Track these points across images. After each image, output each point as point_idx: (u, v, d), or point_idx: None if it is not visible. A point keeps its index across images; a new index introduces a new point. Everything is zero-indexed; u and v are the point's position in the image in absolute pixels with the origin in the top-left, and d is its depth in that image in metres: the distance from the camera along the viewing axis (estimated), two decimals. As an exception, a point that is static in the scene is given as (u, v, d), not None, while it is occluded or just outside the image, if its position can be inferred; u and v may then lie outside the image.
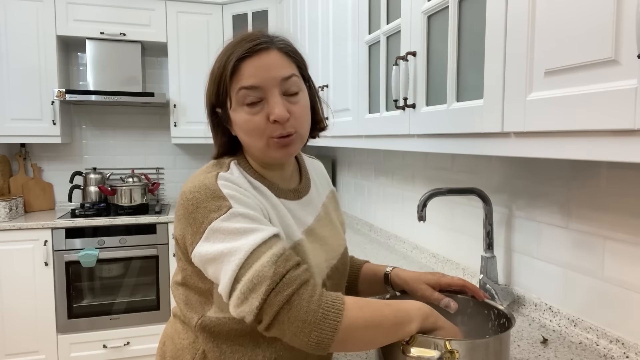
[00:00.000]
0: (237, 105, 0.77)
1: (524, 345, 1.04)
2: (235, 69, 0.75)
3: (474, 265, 1.45)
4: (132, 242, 2.78)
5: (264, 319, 0.66)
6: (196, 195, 0.73)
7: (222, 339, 0.79)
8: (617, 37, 0.60)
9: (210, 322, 0.78)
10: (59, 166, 3.18)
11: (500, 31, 0.82)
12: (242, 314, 0.67)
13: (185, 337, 0.82)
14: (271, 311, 0.65)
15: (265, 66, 0.75)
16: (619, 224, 0.97)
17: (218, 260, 0.69)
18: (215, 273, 0.70)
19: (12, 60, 2.74)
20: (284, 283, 0.66)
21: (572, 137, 0.68)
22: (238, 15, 3.05)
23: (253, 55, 0.75)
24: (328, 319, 0.65)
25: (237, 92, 0.76)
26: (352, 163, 2.51)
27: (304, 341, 0.65)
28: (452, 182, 1.57)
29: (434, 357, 0.71)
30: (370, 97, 1.47)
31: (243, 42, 0.77)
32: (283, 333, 0.66)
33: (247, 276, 0.66)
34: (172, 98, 3.04)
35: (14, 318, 2.61)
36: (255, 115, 0.76)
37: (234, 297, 0.67)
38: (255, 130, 0.76)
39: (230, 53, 0.76)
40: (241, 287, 0.66)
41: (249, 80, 0.75)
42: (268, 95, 0.76)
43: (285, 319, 0.65)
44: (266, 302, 0.65)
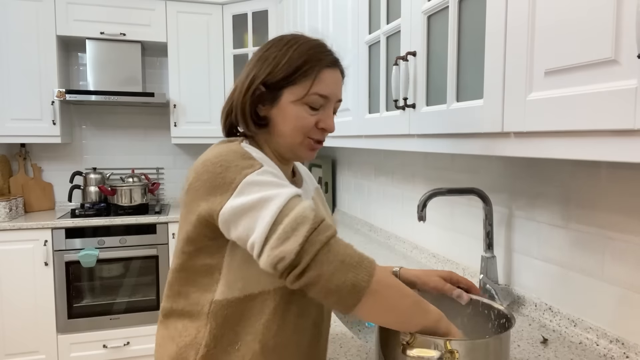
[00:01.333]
0: (301, 102, 0.82)
1: (524, 345, 1.04)
2: (319, 72, 0.82)
3: (474, 265, 1.45)
4: (132, 242, 2.78)
5: (303, 259, 0.66)
6: (225, 158, 0.74)
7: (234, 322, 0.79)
8: (617, 37, 0.60)
9: (221, 306, 0.78)
10: (59, 166, 3.18)
11: (500, 31, 0.82)
12: (282, 253, 0.66)
13: (186, 333, 0.80)
14: (312, 249, 0.66)
15: (336, 83, 0.85)
16: (619, 224, 0.97)
17: (255, 208, 0.69)
18: (248, 224, 0.69)
19: (12, 60, 2.74)
20: (323, 227, 0.68)
21: (572, 137, 0.68)
22: (238, 15, 3.05)
23: (332, 68, 0.84)
24: (363, 264, 0.67)
25: (310, 93, 0.81)
26: (352, 163, 2.51)
27: (340, 281, 0.66)
28: (452, 182, 1.57)
29: (434, 357, 0.71)
30: (370, 97, 1.47)
31: (324, 51, 0.84)
32: (320, 274, 0.66)
33: (290, 217, 0.68)
34: (172, 98, 3.04)
35: (14, 318, 2.61)
36: (311, 116, 0.83)
37: (273, 239, 0.67)
38: (303, 127, 0.83)
39: (315, 53, 0.82)
40: (283, 227, 0.67)
41: (325, 90, 0.82)
42: (327, 107, 0.85)
43: (324, 258, 0.66)
44: (308, 241, 0.66)
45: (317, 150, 0.88)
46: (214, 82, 3.11)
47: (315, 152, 0.88)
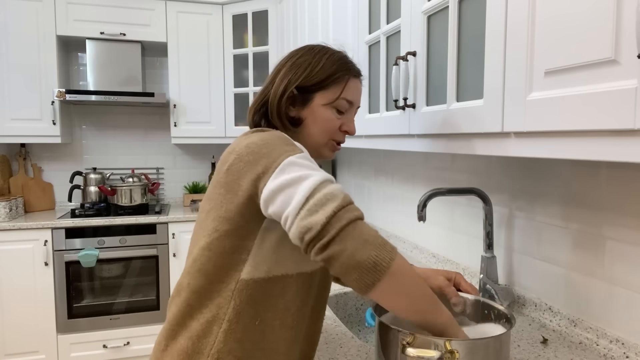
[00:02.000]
0: (331, 105, 0.92)
1: (524, 345, 1.04)
2: (348, 80, 0.94)
3: (474, 265, 1.45)
4: (132, 242, 2.78)
5: (329, 232, 0.69)
6: (270, 141, 0.79)
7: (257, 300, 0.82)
8: (617, 37, 0.60)
9: (247, 284, 0.81)
10: (59, 166, 3.18)
11: (500, 31, 0.82)
12: (310, 224, 0.69)
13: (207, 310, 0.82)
14: (339, 224, 0.69)
15: (359, 91, 0.97)
16: (619, 224, 0.97)
17: (293, 185, 0.73)
18: (286, 198, 0.73)
19: (12, 60, 2.74)
20: (352, 207, 0.72)
21: (572, 137, 0.68)
22: (238, 15, 3.05)
23: (358, 78, 0.97)
24: (387, 247, 0.70)
25: (340, 97, 0.92)
26: (352, 163, 2.51)
27: (362, 257, 0.68)
28: (452, 182, 1.57)
29: (434, 357, 0.71)
30: (370, 97, 1.47)
31: (351, 62, 0.96)
32: (344, 248, 0.68)
33: (322, 192, 0.72)
34: (172, 98, 3.04)
35: (14, 318, 2.61)
36: (337, 120, 0.94)
37: (304, 210, 0.71)
38: (330, 129, 0.93)
39: (345, 63, 0.94)
40: (314, 200, 0.71)
41: (352, 96, 0.94)
42: (350, 112, 0.96)
43: (349, 234, 0.69)
44: (335, 216, 0.70)
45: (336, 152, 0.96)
46: (214, 82, 3.11)
47: (335, 154, 0.96)
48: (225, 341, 0.81)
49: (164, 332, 0.87)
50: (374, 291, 0.70)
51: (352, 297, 1.42)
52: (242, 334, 0.82)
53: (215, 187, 0.83)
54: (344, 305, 1.42)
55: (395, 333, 0.77)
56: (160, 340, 0.88)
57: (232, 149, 0.83)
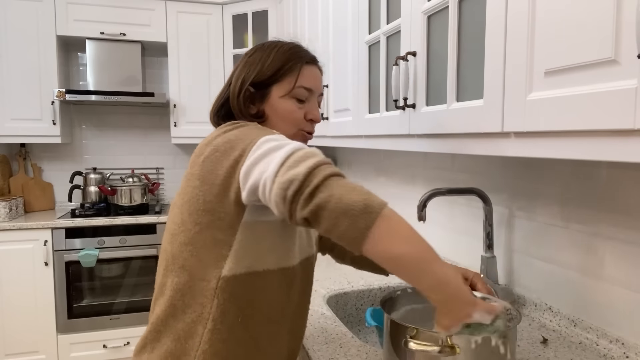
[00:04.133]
0: (289, 96, 0.92)
1: (524, 345, 1.04)
2: (301, 68, 0.92)
3: (474, 265, 1.45)
4: (132, 242, 2.78)
5: (312, 181, 0.66)
6: (246, 132, 0.79)
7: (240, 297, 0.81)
8: (617, 37, 0.60)
9: (229, 282, 0.80)
10: (59, 166, 3.18)
11: (500, 31, 0.82)
12: (291, 177, 0.67)
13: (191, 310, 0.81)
14: (322, 174, 0.67)
15: (318, 77, 0.96)
16: (619, 224, 0.97)
17: (270, 154, 0.72)
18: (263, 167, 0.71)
19: (12, 60, 2.74)
20: (333, 166, 0.71)
21: (572, 137, 0.68)
22: (238, 15, 3.05)
23: (313, 65, 0.95)
24: (374, 196, 0.67)
25: (295, 87, 0.91)
26: (352, 163, 2.51)
27: (352, 200, 0.64)
28: (452, 182, 1.57)
29: (435, 351, 0.71)
30: (370, 97, 1.47)
31: (303, 50, 0.95)
32: (331, 194, 0.65)
33: (302, 151, 0.71)
34: (172, 98, 3.04)
35: (14, 318, 2.61)
36: (299, 109, 0.93)
37: (283, 168, 0.68)
38: (294, 120, 0.92)
39: (296, 52, 0.93)
40: (294, 157, 0.69)
41: (309, 83, 0.93)
42: (312, 100, 0.95)
43: (334, 183, 0.67)
44: (318, 168, 0.68)
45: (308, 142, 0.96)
46: (214, 82, 3.11)
47: (307, 144, 0.93)
48: (210, 342, 0.80)
49: (147, 335, 0.85)
50: (369, 239, 0.63)
51: (352, 297, 1.43)
52: (227, 333, 0.81)
53: (189, 180, 0.81)
54: (344, 305, 1.42)
55: (402, 328, 0.78)
56: (143, 343, 0.86)
57: (208, 141, 0.81)
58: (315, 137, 2.08)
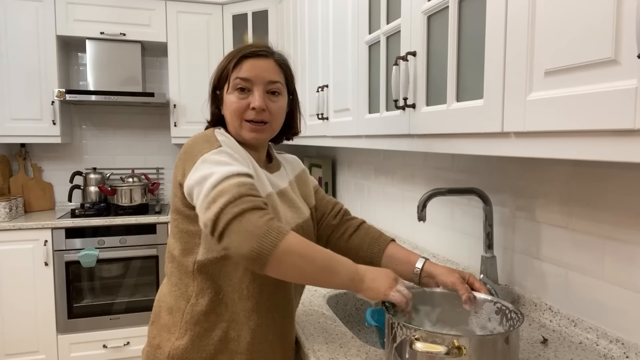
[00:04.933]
0: (231, 89, 0.99)
1: (524, 345, 1.04)
2: (237, 63, 0.98)
3: (474, 265, 1.45)
4: (132, 242, 2.78)
5: (218, 227, 0.78)
6: (195, 141, 0.93)
7: (216, 277, 0.94)
8: (617, 37, 0.60)
9: (203, 264, 0.93)
10: (59, 166, 3.18)
11: (500, 31, 0.82)
12: (205, 220, 0.80)
13: (176, 288, 0.96)
14: (225, 219, 0.78)
15: (259, 67, 0.99)
16: (619, 224, 0.97)
17: (200, 184, 0.84)
18: (196, 195, 0.85)
19: (12, 60, 2.74)
20: (241, 201, 0.79)
21: (572, 137, 0.68)
22: (238, 15, 3.05)
23: (254, 57, 0.99)
24: (270, 235, 0.77)
25: (233, 79, 0.98)
26: (352, 163, 2.51)
27: (246, 250, 0.76)
28: (452, 182, 1.57)
29: (442, 352, 0.71)
30: (370, 97, 1.47)
31: (250, 46, 1.01)
32: (231, 241, 0.77)
33: (216, 190, 0.81)
34: (172, 98, 3.04)
35: (14, 318, 2.61)
36: (241, 100, 0.98)
37: (202, 207, 0.81)
38: (236, 110, 0.98)
39: (237, 51, 1.00)
40: (209, 198, 0.81)
41: (244, 73, 0.98)
42: (254, 89, 0.98)
43: (235, 228, 0.77)
44: (222, 211, 0.78)
45: (263, 133, 1.00)
46: (214, 82, 3.11)
47: (261, 134, 1.00)
48: (192, 313, 0.94)
49: (153, 309, 1.03)
50: (266, 271, 0.79)
51: (352, 297, 1.43)
52: (207, 307, 0.93)
53: (172, 182, 0.97)
54: (344, 305, 1.42)
55: (403, 329, 0.78)
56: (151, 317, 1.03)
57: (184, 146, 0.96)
58: (316, 137, 2.08)
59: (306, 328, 1.13)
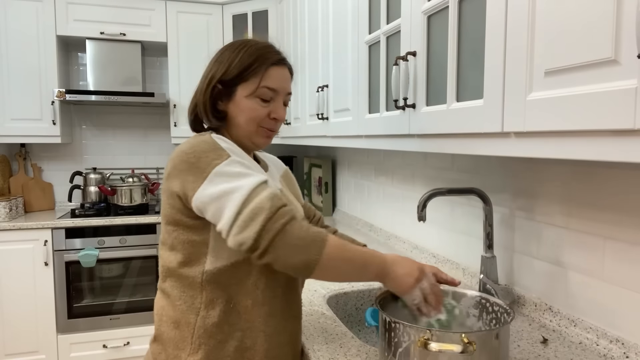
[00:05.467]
0: (253, 95, 0.94)
1: (524, 345, 1.04)
2: (267, 69, 0.95)
3: (474, 265, 1.45)
4: (132, 242, 2.78)
5: (261, 244, 0.77)
6: (197, 149, 0.85)
7: (226, 285, 0.90)
8: (617, 37, 0.60)
9: (212, 274, 0.89)
10: (59, 166, 3.18)
11: (500, 31, 0.82)
12: (242, 240, 0.78)
13: (182, 302, 0.91)
14: (268, 236, 0.77)
15: (284, 78, 0.98)
16: (619, 224, 0.97)
17: (222, 199, 0.80)
18: (216, 212, 0.81)
19: (12, 60, 2.74)
20: (279, 215, 0.79)
21: (572, 137, 0.68)
22: (238, 15, 3.05)
23: (280, 65, 0.97)
24: (315, 244, 0.79)
25: (260, 87, 0.94)
26: (352, 163, 2.51)
27: (294, 263, 0.78)
28: (452, 182, 1.57)
29: (458, 350, 0.72)
30: (370, 97, 1.47)
31: (272, 51, 0.97)
32: (277, 256, 0.78)
33: (249, 208, 0.78)
34: (172, 98, 3.04)
35: (14, 318, 2.61)
36: (263, 108, 0.95)
37: (235, 226, 0.78)
38: (256, 118, 0.95)
39: (264, 53, 0.95)
40: (243, 217, 0.78)
41: (273, 84, 0.95)
42: (277, 100, 0.97)
43: (279, 244, 0.77)
44: (264, 229, 0.77)
45: (271, 139, 1.01)
46: (214, 82, 3.11)
47: (269, 140, 1.00)
48: (204, 326, 0.89)
49: (155, 325, 0.97)
50: (313, 277, 0.81)
51: (352, 297, 1.43)
52: (219, 318, 0.89)
53: (163, 193, 0.92)
54: (344, 305, 1.42)
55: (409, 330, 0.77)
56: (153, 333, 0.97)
57: (171, 156, 0.89)
58: (316, 137, 2.08)
59: (306, 328, 1.13)
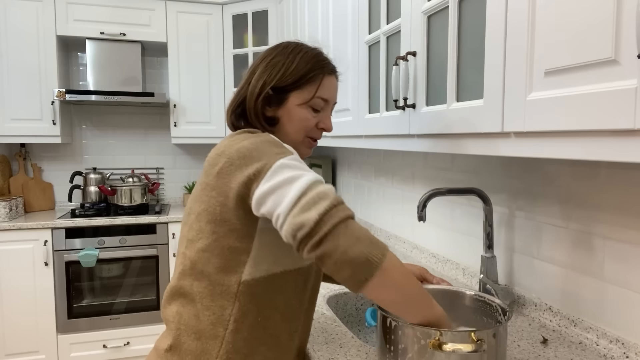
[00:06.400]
0: (307, 104, 0.92)
1: (524, 345, 1.04)
2: (322, 79, 0.93)
3: (474, 265, 1.45)
4: (132, 242, 2.78)
5: (321, 229, 0.70)
6: (259, 145, 0.80)
7: (259, 298, 0.84)
8: (617, 37, 0.60)
9: (249, 285, 0.83)
10: (59, 166, 3.18)
11: (500, 31, 0.82)
12: (302, 221, 0.70)
13: (210, 312, 0.83)
14: (331, 222, 0.70)
15: (335, 88, 0.97)
16: (619, 224, 0.97)
17: (285, 186, 0.74)
18: (277, 198, 0.74)
19: (12, 60, 2.74)
20: (344, 206, 0.73)
21: (572, 137, 0.68)
22: (238, 15, 3.05)
23: (332, 75, 0.96)
24: (378, 244, 0.72)
25: (314, 97, 0.92)
26: (352, 163, 2.51)
27: (355, 254, 0.69)
28: (452, 182, 1.57)
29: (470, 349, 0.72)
30: (370, 97, 1.47)
31: (326, 59, 0.95)
32: (337, 245, 0.69)
33: (314, 191, 0.73)
34: (172, 98, 3.04)
35: (14, 318, 2.61)
36: (313, 118, 0.94)
37: (296, 208, 0.71)
38: (306, 127, 0.93)
39: (319, 61, 0.93)
40: (307, 198, 0.72)
41: (327, 94, 0.94)
42: (326, 110, 0.96)
43: (341, 232, 0.70)
44: (327, 213, 0.71)
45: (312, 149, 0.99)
46: (214, 82, 3.11)
47: (311, 151, 0.98)
48: (233, 341, 0.83)
49: (167, 335, 0.88)
50: (367, 287, 0.71)
51: (352, 297, 1.43)
52: (247, 332, 0.84)
53: (205, 189, 0.83)
54: (344, 305, 1.42)
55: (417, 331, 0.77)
56: (160, 344, 0.88)
57: (221, 151, 0.82)
58: (315, 137, 2.07)
59: (306, 328, 1.13)
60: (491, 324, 0.92)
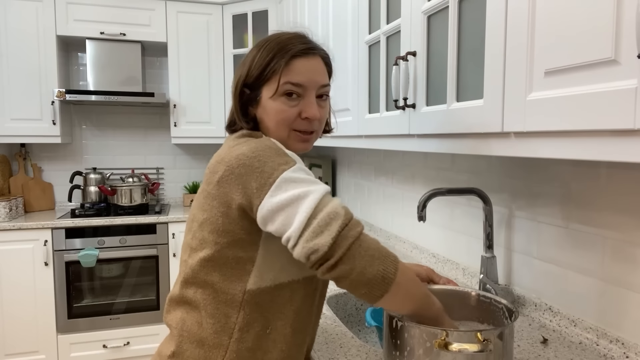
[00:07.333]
0: (278, 95, 0.84)
1: (524, 345, 1.04)
2: (287, 63, 0.83)
3: (474, 265, 1.45)
4: (132, 242, 2.78)
5: (336, 252, 0.69)
6: (261, 154, 0.76)
7: (265, 308, 0.82)
8: (617, 37, 0.60)
9: (254, 294, 0.81)
10: (59, 166, 3.18)
11: (500, 31, 0.82)
12: (316, 246, 0.69)
13: (213, 320, 0.81)
14: (345, 244, 0.70)
15: (312, 69, 0.85)
16: (619, 224, 0.97)
17: (292, 205, 0.72)
18: (286, 219, 0.72)
19: (12, 60, 2.74)
20: (354, 222, 0.72)
21: (572, 137, 0.68)
22: (238, 15, 3.05)
23: (304, 57, 0.85)
24: (390, 258, 0.72)
25: (283, 84, 0.83)
26: (352, 163, 2.51)
27: (371, 274, 0.70)
28: (452, 182, 1.57)
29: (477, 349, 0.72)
30: (370, 97, 1.47)
31: (296, 41, 0.85)
32: (352, 267, 0.69)
33: (324, 212, 0.71)
34: (172, 98, 3.04)
35: (14, 318, 2.61)
36: (290, 108, 0.84)
37: (307, 232, 0.70)
38: (284, 120, 0.85)
39: (283, 46, 0.84)
40: (317, 221, 0.70)
41: (297, 78, 0.83)
42: (307, 95, 0.85)
43: (356, 252, 0.70)
44: (340, 235, 0.70)
45: (311, 142, 0.89)
46: (214, 82, 3.11)
47: (310, 143, 0.89)
48: (237, 350, 0.81)
49: (170, 340, 0.86)
50: (382, 300, 0.72)
51: (352, 297, 1.43)
52: (252, 343, 0.82)
53: (207, 197, 0.81)
54: (344, 305, 1.42)
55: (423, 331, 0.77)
56: (163, 349, 0.87)
57: (222, 158, 0.79)
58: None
59: (306, 328, 1.13)
60: (497, 324, 0.91)
